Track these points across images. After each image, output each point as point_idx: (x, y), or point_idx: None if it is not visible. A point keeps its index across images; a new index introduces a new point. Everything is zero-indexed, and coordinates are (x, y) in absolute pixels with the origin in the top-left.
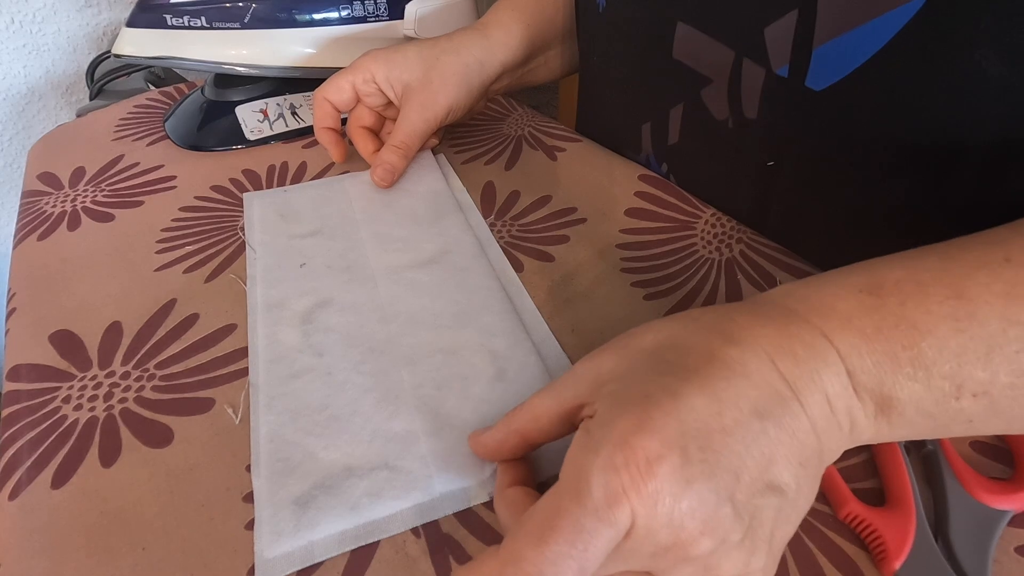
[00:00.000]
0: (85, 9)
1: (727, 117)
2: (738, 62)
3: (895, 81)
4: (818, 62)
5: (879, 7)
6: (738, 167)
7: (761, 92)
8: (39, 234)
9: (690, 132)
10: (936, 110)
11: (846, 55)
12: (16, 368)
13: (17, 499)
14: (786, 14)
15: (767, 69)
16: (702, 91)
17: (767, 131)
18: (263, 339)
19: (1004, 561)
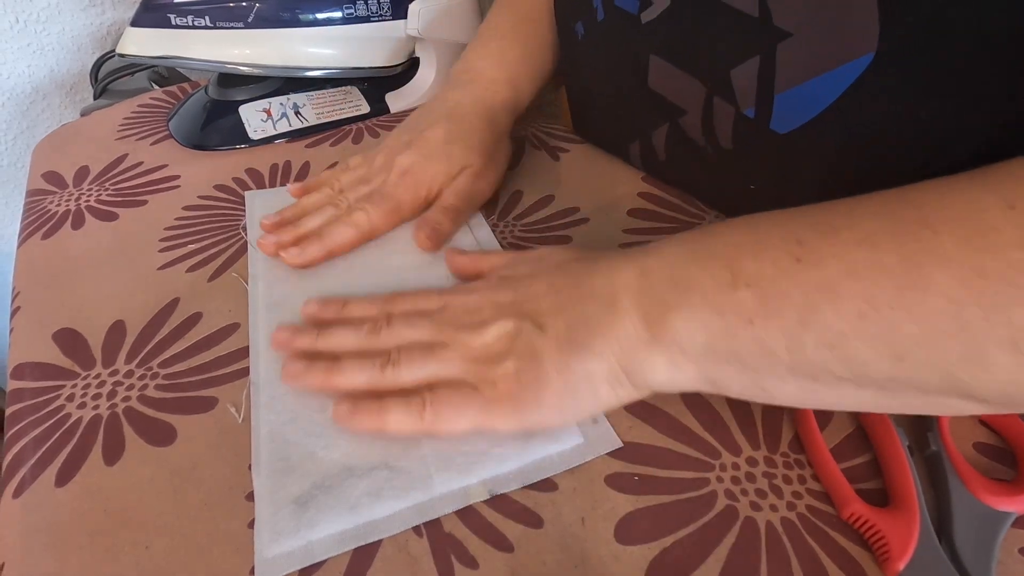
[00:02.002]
0: (89, 8)
1: (705, 145)
2: (709, 97)
3: (854, 127)
4: (781, 107)
5: (833, 60)
6: (725, 187)
7: (732, 128)
8: (43, 233)
9: (674, 152)
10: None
11: (807, 102)
12: (20, 367)
13: (21, 497)
14: (749, 59)
15: (736, 108)
16: (679, 120)
17: (743, 162)
18: (264, 338)
19: (1008, 563)
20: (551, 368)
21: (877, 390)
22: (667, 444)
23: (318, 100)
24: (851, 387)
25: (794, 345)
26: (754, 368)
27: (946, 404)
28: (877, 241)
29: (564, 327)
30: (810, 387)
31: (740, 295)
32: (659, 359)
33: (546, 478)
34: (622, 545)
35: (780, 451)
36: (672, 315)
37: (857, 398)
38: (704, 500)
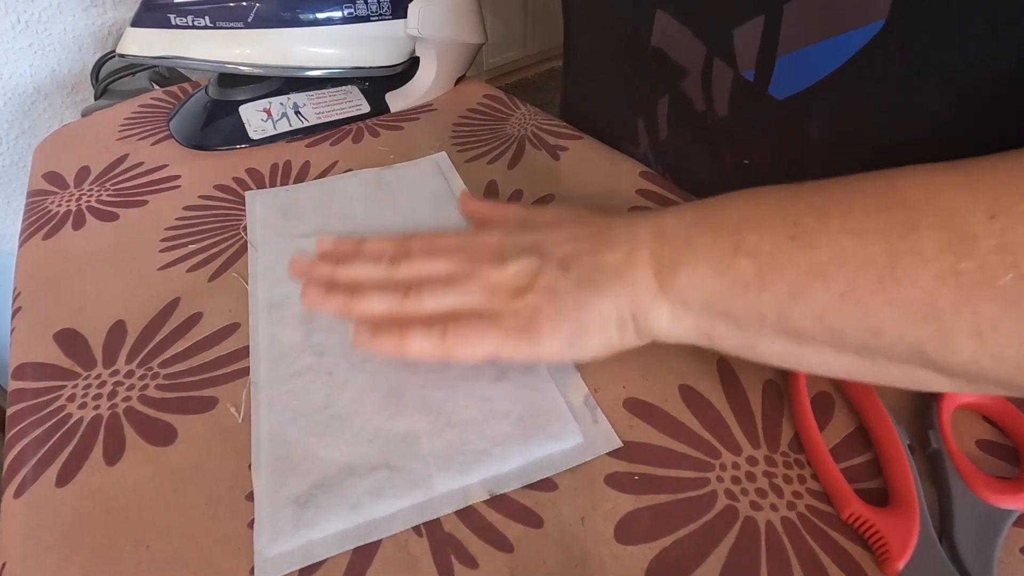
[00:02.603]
0: (90, 9)
1: (705, 110)
2: (709, 58)
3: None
4: (781, 71)
5: (842, 26)
6: (722, 163)
7: (729, 92)
8: (44, 233)
9: (677, 125)
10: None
11: (808, 67)
12: (21, 367)
13: (22, 497)
14: (753, 18)
15: (735, 70)
16: (681, 83)
17: (737, 129)
18: (264, 338)
19: (1010, 562)
20: (570, 305)
21: (856, 356)
22: (667, 444)
23: (318, 100)
24: (832, 351)
25: (783, 313)
26: (747, 328)
27: (916, 376)
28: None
29: (585, 270)
30: (796, 349)
31: (740, 263)
32: (664, 309)
33: (546, 478)
34: (622, 545)
35: (780, 451)
36: (680, 271)
37: (838, 362)
38: (704, 500)
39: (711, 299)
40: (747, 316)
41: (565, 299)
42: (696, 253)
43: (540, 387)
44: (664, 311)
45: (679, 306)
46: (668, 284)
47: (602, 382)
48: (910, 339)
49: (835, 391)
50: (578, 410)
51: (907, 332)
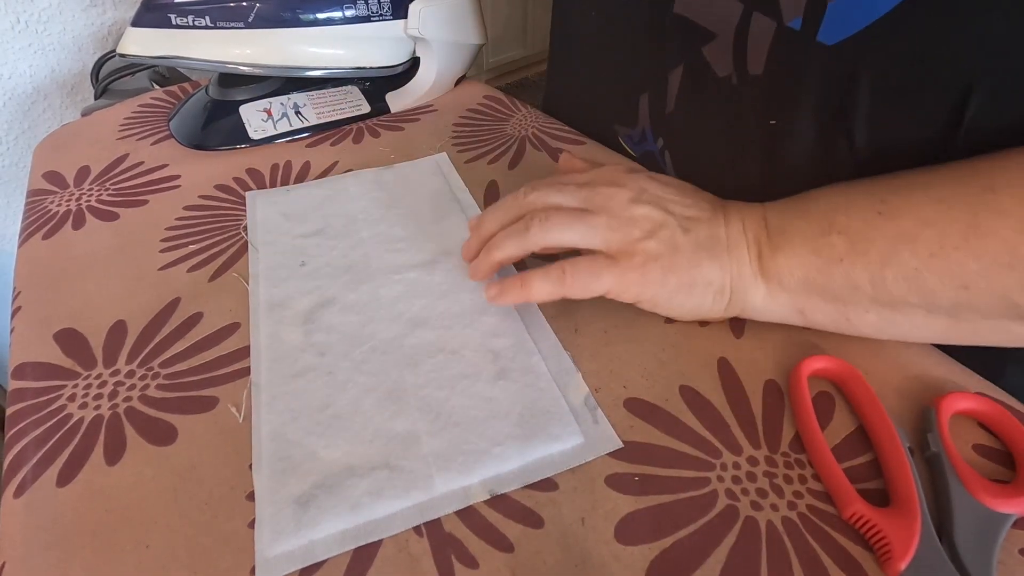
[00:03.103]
0: (90, 8)
1: (730, 73)
2: (747, 14)
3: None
4: (832, 15)
5: None
6: (739, 129)
7: (770, 46)
8: (44, 233)
9: (689, 96)
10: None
11: (861, 9)
12: (21, 366)
13: (22, 497)
14: None
15: (778, 22)
16: (704, 48)
17: (770, 87)
18: (265, 338)
19: (1009, 563)
20: (684, 262)
21: (946, 317)
22: (667, 443)
23: (318, 100)
24: (923, 314)
25: (876, 279)
26: (842, 299)
27: (1008, 329)
28: (947, 200)
29: (702, 236)
30: (889, 316)
31: (833, 240)
32: (760, 289)
33: (546, 478)
34: (622, 545)
35: (781, 451)
36: (778, 254)
37: (930, 325)
38: (705, 500)
39: (807, 276)
40: (841, 288)
41: (681, 255)
42: (792, 237)
43: (540, 387)
44: (760, 291)
45: (775, 285)
46: (766, 267)
47: (603, 382)
48: (998, 288)
49: (835, 392)
50: (578, 410)
51: (994, 281)
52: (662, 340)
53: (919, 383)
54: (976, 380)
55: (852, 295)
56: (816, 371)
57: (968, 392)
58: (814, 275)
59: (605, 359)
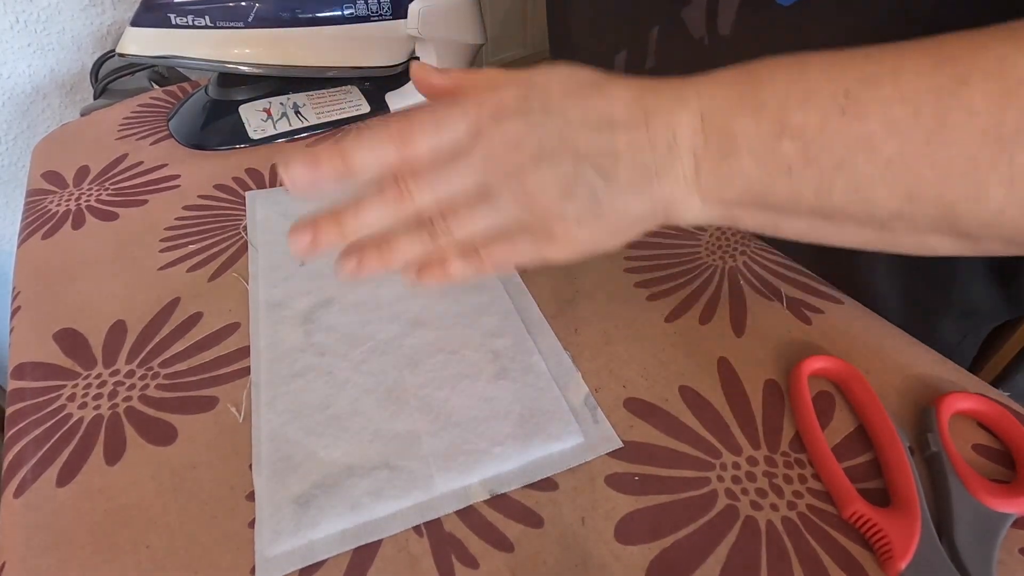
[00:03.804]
0: (89, 8)
1: (703, 35)
2: None
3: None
4: None
5: None
6: None
7: (737, 9)
8: (43, 233)
9: (667, 53)
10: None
11: None
12: (21, 366)
13: (22, 497)
14: None
15: None
16: (682, 11)
17: (739, 47)
18: (265, 338)
19: (1009, 562)
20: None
21: (877, 229)
22: (667, 443)
23: (318, 100)
24: (854, 225)
25: (823, 189)
26: (777, 210)
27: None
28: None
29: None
30: (819, 224)
31: (784, 147)
32: (695, 202)
33: (546, 478)
34: (622, 545)
35: (781, 450)
36: (720, 165)
37: (856, 235)
38: (704, 500)
39: (748, 188)
40: (782, 199)
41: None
42: (737, 142)
43: (540, 387)
44: (694, 204)
45: (711, 198)
46: (705, 178)
47: (602, 382)
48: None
49: (836, 391)
50: (578, 410)
51: (944, 192)
52: (662, 340)
53: (919, 383)
54: (975, 381)
55: (792, 206)
56: (816, 371)
57: (968, 392)
58: (756, 187)
59: (605, 359)
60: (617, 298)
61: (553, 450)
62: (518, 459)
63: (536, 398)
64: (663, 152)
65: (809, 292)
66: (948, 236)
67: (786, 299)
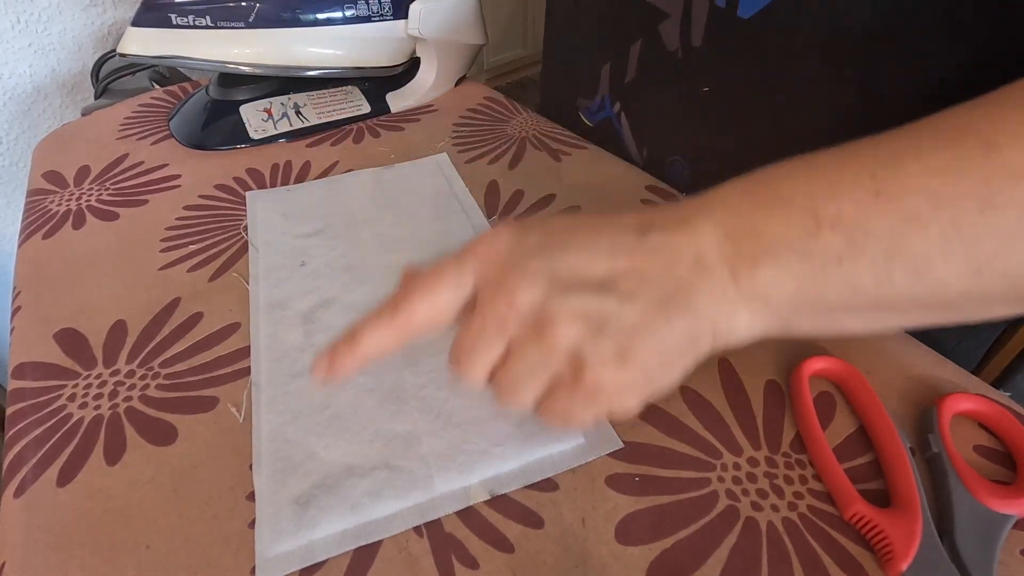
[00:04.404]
0: (90, 8)
1: (677, 48)
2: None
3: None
4: None
5: None
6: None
7: (706, 22)
8: (44, 232)
9: (646, 66)
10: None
11: None
12: (21, 366)
13: (22, 496)
14: None
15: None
16: (659, 26)
17: (709, 59)
18: (265, 338)
19: (1010, 563)
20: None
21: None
22: (668, 444)
23: (319, 100)
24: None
25: (882, 277)
26: (838, 307)
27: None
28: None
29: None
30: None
31: (826, 238)
32: (743, 314)
33: (547, 478)
34: (623, 545)
35: (781, 451)
36: (759, 269)
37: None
38: (705, 500)
39: (799, 288)
40: (841, 294)
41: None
42: (772, 243)
43: None
44: (743, 317)
45: (759, 306)
46: (747, 286)
47: None
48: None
49: (837, 392)
50: None
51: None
52: None
53: (920, 384)
54: (976, 381)
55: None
56: (817, 371)
57: (969, 393)
58: (808, 286)
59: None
60: None
61: (553, 450)
62: (518, 459)
63: None
64: (689, 267)
65: None
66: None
67: None
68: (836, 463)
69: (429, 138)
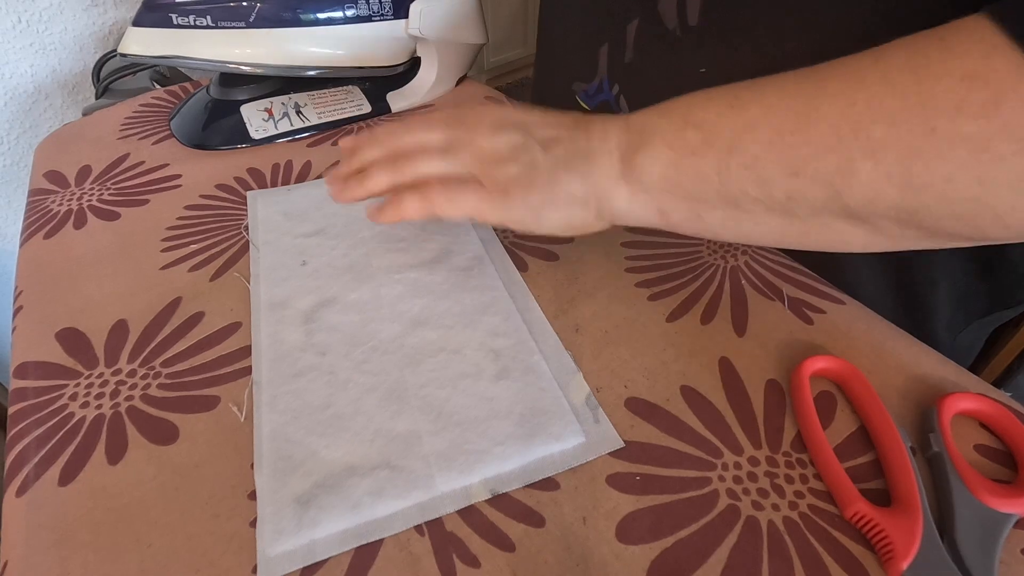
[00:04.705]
0: (91, 8)
1: (675, 26)
2: None
3: None
4: None
5: None
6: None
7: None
8: (45, 232)
9: (644, 45)
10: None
11: None
12: (23, 366)
13: (25, 495)
14: None
15: None
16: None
17: (706, 37)
18: (266, 338)
19: (1011, 563)
20: (543, 179)
21: (782, 214)
22: (669, 443)
23: (319, 100)
24: (763, 210)
25: (722, 169)
26: (693, 195)
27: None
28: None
29: (562, 152)
30: (733, 214)
31: (687, 133)
32: (623, 191)
33: (548, 477)
34: (623, 544)
35: (782, 450)
36: (639, 153)
37: (768, 224)
38: (706, 499)
39: (663, 173)
40: (692, 181)
41: (540, 173)
42: (652, 135)
43: (542, 387)
44: (623, 193)
45: (636, 186)
46: (628, 167)
47: (604, 382)
48: (823, 172)
49: (837, 392)
50: (580, 410)
51: (820, 165)
52: (663, 340)
53: (921, 383)
54: (976, 381)
55: (702, 189)
56: (818, 371)
57: (969, 392)
58: (670, 171)
59: (606, 359)
60: (618, 298)
61: (554, 450)
62: (519, 459)
63: (537, 398)
64: (596, 143)
65: (811, 292)
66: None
67: (788, 299)
68: (837, 462)
69: None
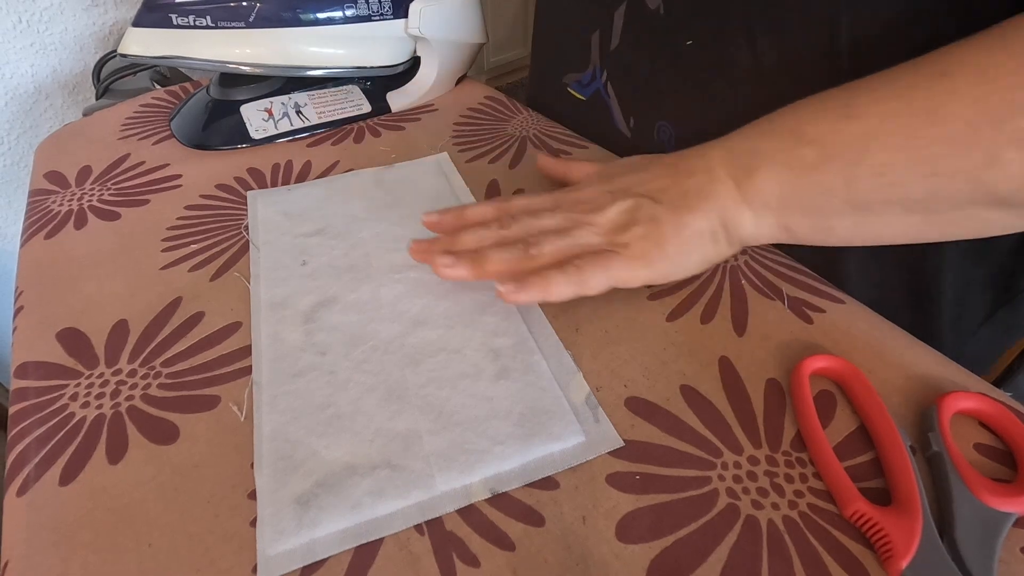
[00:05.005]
0: (91, 8)
1: (659, 5)
2: None
3: None
4: None
5: None
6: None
7: None
8: (46, 232)
9: (630, 30)
10: None
11: None
12: (24, 366)
13: (25, 495)
14: None
15: None
16: None
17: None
18: (266, 337)
19: (1011, 562)
20: (670, 229)
21: (921, 211)
22: (668, 443)
23: (319, 99)
24: (899, 211)
25: (850, 180)
26: (819, 209)
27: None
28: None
29: (676, 197)
30: (865, 218)
31: (802, 151)
32: (747, 214)
33: (547, 476)
34: (623, 544)
35: (782, 450)
36: (754, 176)
37: (905, 223)
38: (705, 499)
39: (784, 192)
40: (817, 196)
41: (665, 224)
42: (764, 156)
43: (542, 386)
44: (747, 217)
45: (759, 207)
46: (747, 191)
47: (604, 381)
48: (963, 168)
49: (837, 391)
50: (579, 409)
51: (959, 161)
52: (663, 339)
53: (920, 382)
54: (976, 380)
55: (828, 202)
56: (818, 370)
57: (969, 391)
58: (788, 188)
59: (606, 358)
60: (618, 297)
61: (554, 449)
62: (519, 458)
63: (537, 397)
64: (702, 179)
65: (811, 291)
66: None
67: (787, 298)
68: (836, 461)
69: (430, 137)
